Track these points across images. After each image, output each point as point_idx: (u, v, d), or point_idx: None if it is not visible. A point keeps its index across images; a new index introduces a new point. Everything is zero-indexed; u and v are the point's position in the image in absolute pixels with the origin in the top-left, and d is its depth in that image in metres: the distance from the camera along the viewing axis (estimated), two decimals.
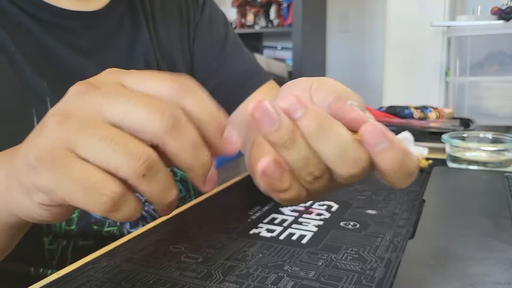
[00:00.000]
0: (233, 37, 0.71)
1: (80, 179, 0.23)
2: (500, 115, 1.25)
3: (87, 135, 0.23)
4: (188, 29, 0.67)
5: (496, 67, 1.29)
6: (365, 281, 0.36)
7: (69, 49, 0.53)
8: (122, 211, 0.24)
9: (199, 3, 0.69)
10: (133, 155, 0.23)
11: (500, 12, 1.30)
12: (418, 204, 0.54)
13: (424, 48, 1.63)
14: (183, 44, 0.66)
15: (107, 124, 0.24)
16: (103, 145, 0.23)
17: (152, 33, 0.61)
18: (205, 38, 0.68)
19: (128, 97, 0.24)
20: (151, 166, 0.23)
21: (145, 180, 0.23)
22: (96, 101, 0.24)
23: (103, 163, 0.23)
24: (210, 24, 0.69)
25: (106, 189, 0.23)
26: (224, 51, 0.68)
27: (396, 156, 0.25)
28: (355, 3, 2.65)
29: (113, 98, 0.24)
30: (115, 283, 0.36)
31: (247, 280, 0.36)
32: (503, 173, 0.60)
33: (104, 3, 0.57)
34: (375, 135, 0.25)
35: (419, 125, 0.89)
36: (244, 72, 0.68)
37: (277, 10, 2.84)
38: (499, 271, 0.34)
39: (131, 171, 0.23)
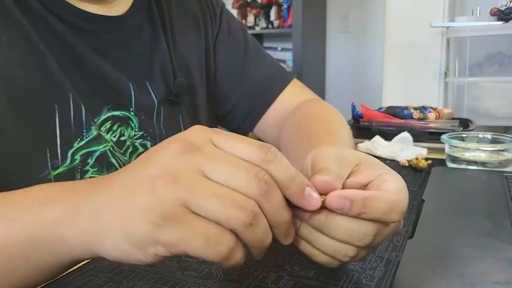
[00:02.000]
0: (252, 42, 0.73)
1: (201, 233, 0.27)
2: (499, 116, 1.25)
3: (200, 193, 0.27)
4: (206, 40, 0.68)
5: (495, 67, 1.29)
6: (365, 280, 0.36)
7: (90, 50, 0.54)
8: (234, 258, 0.28)
9: (217, 13, 0.70)
10: (241, 207, 0.27)
11: (499, 13, 1.30)
12: (418, 204, 0.54)
13: (424, 49, 1.64)
14: (200, 54, 0.67)
15: (211, 181, 0.27)
16: (215, 201, 0.26)
17: (169, 41, 0.62)
18: (226, 48, 0.70)
19: (227, 161, 0.28)
20: (255, 216, 0.27)
21: (251, 229, 0.27)
22: (200, 162, 0.28)
23: (216, 217, 0.27)
24: (230, 34, 0.71)
25: (224, 240, 0.27)
26: (247, 59, 0.70)
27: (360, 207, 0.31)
28: (355, 4, 2.65)
29: (216, 161, 0.28)
30: (117, 282, 0.36)
31: (248, 279, 0.36)
32: (502, 173, 0.60)
33: (126, 9, 0.59)
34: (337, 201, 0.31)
35: (419, 125, 0.89)
36: (268, 77, 0.70)
37: (277, 11, 2.85)
38: (498, 271, 0.34)
39: (241, 221, 0.27)
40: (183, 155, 0.28)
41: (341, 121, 0.61)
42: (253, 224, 0.27)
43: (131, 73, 0.57)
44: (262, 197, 0.27)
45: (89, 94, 0.53)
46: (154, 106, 0.59)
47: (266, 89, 0.69)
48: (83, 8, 0.54)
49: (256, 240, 0.28)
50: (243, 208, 0.27)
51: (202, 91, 0.67)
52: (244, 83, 0.69)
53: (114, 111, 0.55)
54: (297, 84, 0.72)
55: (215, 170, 0.27)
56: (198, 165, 0.27)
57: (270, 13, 2.86)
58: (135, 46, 0.59)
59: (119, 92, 0.55)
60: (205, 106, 0.67)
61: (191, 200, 0.27)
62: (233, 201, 0.27)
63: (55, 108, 0.50)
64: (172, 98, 0.61)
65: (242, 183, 0.27)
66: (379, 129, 0.90)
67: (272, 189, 0.28)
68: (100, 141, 0.53)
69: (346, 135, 0.54)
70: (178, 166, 0.27)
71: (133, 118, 0.57)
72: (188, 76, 0.64)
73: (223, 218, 0.27)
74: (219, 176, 0.27)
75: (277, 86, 0.69)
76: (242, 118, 0.70)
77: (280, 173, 0.29)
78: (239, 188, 0.27)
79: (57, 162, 0.50)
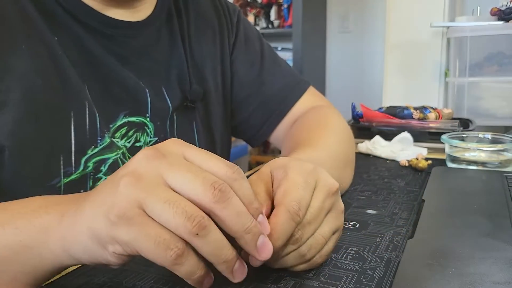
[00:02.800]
0: (269, 51, 0.73)
1: (152, 236, 0.28)
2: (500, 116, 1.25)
3: (155, 198, 0.28)
4: (221, 49, 0.68)
5: (495, 67, 1.29)
6: (365, 280, 0.36)
7: (110, 56, 0.54)
8: (184, 266, 0.29)
9: (233, 22, 0.71)
10: (189, 217, 0.28)
11: (499, 12, 1.30)
12: (418, 204, 0.54)
13: (424, 49, 1.64)
14: (214, 63, 0.67)
15: (169, 188, 0.29)
16: (167, 208, 0.28)
17: (186, 48, 0.63)
18: (243, 57, 0.70)
19: (188, 170, 0.29)
20: (203, 227, 0.28)
21: (198, 238, 0.28)
22: (162, 168, 0.29)
23: (166, 223, 0.28)
24: (247, 43, 0.71)
25: (173, 245, 0.28)
26: (264, 68, 0.70)
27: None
28: (355, 3, 2.65)
29: (178, 169, 0.29)
30: (116, 282, 0.36)
31: (248, 279, 0.36)
32: (502, 173, 0.60)
33: (147, 14, 0.59)
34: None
35: (419, 125, 0.89)
36: (284, 86, 0.70)
37: (277, 11, 2.85)
38: (498, 271, 0.34)
39: (188, 230, 0.28)
40: (150, 160, 0.30)
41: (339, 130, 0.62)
42: (200, 234, 0.28)
43: (149, 78, 0.58)
44: (216, 204, 0.29)
45: (106, 100, 0.53)
46: (168, 112, 0.59)
47: (282, 99, 0.70)
48: (107, 14, 0.54)
49: (207, 251, 0.29)
50: (191, 218, 0.28)
51: (216, 99, 0.67)
52: (261, 93, 0.70)
53: (130, 117, 0.55)
54: (312, 92, 0.73)
55: (175, 177, 0.29)
56: (161, 171, 0.29)
57: (270, 13, 2.86)
58: (153, 52, 0.59)
59: (136, 98, 0.56)
60: (218, 114, 0.68)
61: (147, 203, 0.28)
62: (183, 210, 0.28)
63: (71, 115, 0.50)
64: (189, 103, 0.61)
65: (198, 190, 0.28)
66: (379, 129, 0.90)
67: (228, 197, 0.29)
68: (112, 148, 0.54)
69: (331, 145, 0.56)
70: (143, 169, 0.29)
71: (149, 124, 0.57)
72: (203, 83, 0.64)
73: (172, 225, 0.28)
74: (178, 183, 0.29)
75: (293, 95, 0.70)
76: (258, 126, 0.71)
77: (240, 192, 0.30)
78: (195, 196, 0.29)
79: (70, 170, 0.50)
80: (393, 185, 0.62)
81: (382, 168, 0.71)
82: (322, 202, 0.36)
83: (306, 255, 0.35)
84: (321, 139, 0.56)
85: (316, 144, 0.54)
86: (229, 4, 0.72)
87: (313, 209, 0.35)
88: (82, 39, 0.52)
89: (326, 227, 0.36)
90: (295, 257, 0.35)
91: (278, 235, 0.32)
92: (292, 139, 0.61)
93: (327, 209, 0.36)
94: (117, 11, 0.55)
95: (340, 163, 0.55)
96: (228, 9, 0.71)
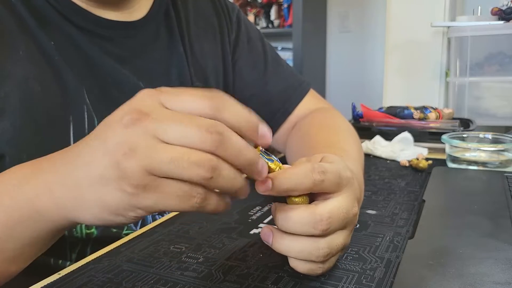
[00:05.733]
0: (271, 51, 0.74)
1: (173, 193, 0.29)
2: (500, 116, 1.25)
3: (159, 161, 0.28)
4: (222, 46, 0.68)
5: (496, 67, 1.29)
6: (365, 281, 0.36)
7: (108, 57, 0.54)
8: (209, 206, 0.30)
9: (233, 20, 0.71)
10: (198, 165, 0.28)
11: (500, 12, 1.30)
12: (418, 204, 0.54)
13: (424, 49, 1.63)
14: (216, 61, 0.67)
15: (166, 145, 0.28)
16: (173, 167, 0.28)
17: (186, 46, 0.63)
18: (246, 58, 0.70)
19: (178, 121, 0.28)
20: (214, 169, 0.28)
21: (214, 180, 0.28)
22: (152, 129, 0.28)
23: (180, 176, 0.28)
24: (249, 43, 0.71)
25: (194, 192, 0.29)
26: (267, 70, 0.71)
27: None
28: (355, 3, 2.65)
29: (167, 124, 0.28)
30: (116, 282, 0.36)
31: (248, 280, 0.36)
32: (502, 173, 0.60)
33: (143, 14, 0.59)
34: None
35: (419, 125, 0.89)
36: (288, 87, 0.71)
37: (277, 11, 2.84)
38: (498, 271, 0.34)
39: (201, 177, 0.28)
40: (135, 124, 0.29)
41: (350, 132, 0.61)
42: (214, 176, 0.28)
43: (149, 78, 0.57)
44: (218, 148, 0.28)
45: (104, 103, 0.53)
46: None
47: (285, 100, 0.70)
48: (102, 15, 0.54)
49: (225, 186, 0.29)
50: (200, 165, 0.28)
51: None
52: (263, 93, 0.70)
53: None
54: (312, 94, 0.73)
55: (167, 132, 0.28)
56: (151, 132, 0.28)
57: (270, 13, 2.85)
58: (152, 51, 0.59)
59: None
60: None
61: (154, 168, 0.28)
62: (189, 161, 0.28)
63: (70, 120, 0.50)
64: None
65: (196, 140, 0.28)
66: (380, 129, 0.90)
67: (226, 138, 0.29)
68: None
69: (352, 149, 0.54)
70: (132, 137, 0.28)
71: None
72: (205, 81, 0.64)
73: (186, 178, 0.28)
74: (172, 137, 0.28)
75: (295, 97, 0.71)
76: None
77: (232, 118, 0.30)
78: (194, 145, 0.28)
79: None
80: (394, 185, 0.62)
81: (382, 168, 0.71)
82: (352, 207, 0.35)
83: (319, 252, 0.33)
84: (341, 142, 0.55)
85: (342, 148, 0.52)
86: (228, 3, 0.72)
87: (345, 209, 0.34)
88: (78, 42, 0.52)
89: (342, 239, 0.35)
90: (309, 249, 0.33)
91: (288, 177, 0.32)
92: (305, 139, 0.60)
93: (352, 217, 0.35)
94: (112, 13, 0.55)
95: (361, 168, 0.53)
96: (227, 8, 0.71)
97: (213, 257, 0.41)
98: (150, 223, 0.50)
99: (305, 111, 0.70)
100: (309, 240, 0.33)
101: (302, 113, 0.70)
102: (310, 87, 0.73)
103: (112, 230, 0.54)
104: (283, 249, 0.34)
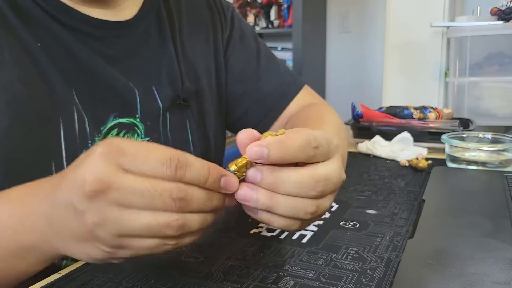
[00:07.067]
0: (265, 49, 0.73)
1: (146, 248, 0.31)
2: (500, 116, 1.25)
3: (128, 229, 0.29)
4: (215, 45, 0.67)
5: (495, 67, 1.29)
6: (365, 280, 0.36)
7: (98, 57, 0.53)
8: (183, 243, 0.32)
9: (227, 19, 0.70)
10: (166, 227, 0.29)
11: (499, 12, 1.30)
12: (418, 204, 0.54)
13: (424, 49, 1.63)
14: (208, 60, 0.67)
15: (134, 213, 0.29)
16: (144, 231, 0.29)
17: (178, 46, 0.62)
18: (239, 55, 0.70)
19: (140, 191, 0.29)
20: (182, 226, 0.30)
21: (184, 230, 0.30)
22: (116, 201, 0.29)
23: (151, 237, 0.30)
24: (242, 40, 0.71)
25: (167, 242, 0.31)
26: (259, 66, 0.70)
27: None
28: (355, 3, 2.65)
29: (129, 194, 0.29)
30: (116, 282, 0.36)
31: (248, 279, 0.36)
32: (502, 173, 0.60)
33: (134, 12, 0.58)
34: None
35: (419, 125, 0.89)
36: (280, 85, 0.70)
37: (277, 11, 2.84)
38: (498, 271, 0.34)
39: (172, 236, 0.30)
40: (98, 197, 0.29)
41: (337, 125, 0.61)
42: (183, 230, 0.30)
43: (138, 78, 0.57)
44: (184, 209, 0.30)
45: (94, 103, 0.53)
46: (159, 112, 0.58)
47: (279, 97, 0.70)
48: (90, 15, 0.53)
49: (197, 228, 0.31)
50: (169, 227, 0.30)
51: (211, 97, 0.66)
52: (257, 90, 0.69)
53: (120, 119, 0.55)
54: (307, 91, 0.72)
55: (132, 202, 0.29)
56: (116, 203, 0.29)
57: (270, 13, 2.85)
58: (143, 51, 0.58)
59: (125, 99, 0.55)
60: (213, 112, 0.67)
61: (125, 233, 0.30)
62: (159, 225, 0.29)
63: (59, 121, 0.49)
64: (182, 102, 0.60)
65: (161, 207, 0.29)
66: (379, 129, 0.90)
67: (189, 199, 0.30)
68: None
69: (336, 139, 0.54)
70: (99, 211, 0.29)
71: (139, 125, 0.56)
72: (196, 81, 0.64)
73: (158, 238, 0.30)
74: (138, 205, 0.29)
75: (289, 93, 0.70)
76: (256, 123, 0.70)
77: (193, 177, 0.30)
78: (160, 211, 0.30)
79: None
80: (393, 185, 0.62)
81: (382, 168, 0.71)
82: (342, 173, 0.35)
83: (307, 210, 0.33)
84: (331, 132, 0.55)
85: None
86: (223, 1, 0.72)
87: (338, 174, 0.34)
88: (67, 42, 0.51)
89: (329, 202, 0.35)
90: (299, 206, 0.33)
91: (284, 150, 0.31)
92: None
93: (342, 182, 0.35)
94: (101, 11, 0.54)
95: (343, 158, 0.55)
96: (222, 6, 0.70)
97: (213, 256, 0.41)
98: None
99: (299, 108, 0.69)
100: (300, 199, 0.33)
101: (295, 110, 0.69)
102: (305, 84, 0.73)
103: None
104: (269, 205, 0.32)
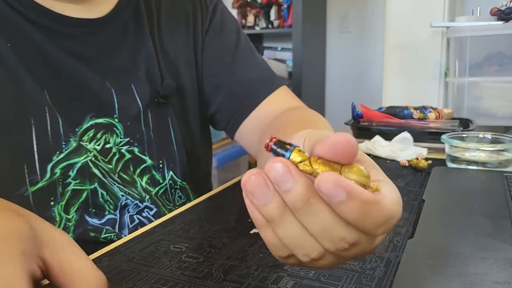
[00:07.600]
0: (245, 43, 0.69)
1: None
2: (500, 116, 1.25)
3: None
4: (194, 37, 0.65)
5: (495, 67, 1.29)
6: (365, 280, 0.36)
7: (71, 57, 0.52)
8: None
9: (209, 10, 0.67)
10: None
11: (499, 13, 1.30)
12: (418, 204, 0.54)
13: (424, 49, 1.63)
14: (189, 53, 0.64)
15: None
16: None
17: (156, 42, 0.60)
18: (215, 46, 0.66)
19: None
20: None
21: None
22: None
23: None
24: (222, 32, 0.67)
25: None
26: (235, 58, 0.66)
27: (354, 207, 0.23)
28: (355, 3, 2.65)
29: None
30: (116, 282, 0.36)
31: (248, 279, 0.36)
32: (502, 173, 0.60)
33: (108, 9, 0.56)
34: (330, 187, 0.23)
35: (419, 125, 0.89)
36: (255, 80, 0.66)
37: (277, 11, 2.84)
38: (498, 271, 0.34)
39: None
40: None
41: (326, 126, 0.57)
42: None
43: (115, 77, 0.55)
44: None
45: (69, 104, 0.52)
46: (139, 111, 0.57)
47: (250, 93, 0.65)
48: (64, 13, 0.52)
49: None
50: None
51: (193, 92, 0.64)
52: (229, 84, 0.65)
53: (97, 119, 0.54)
54: (285, 92, 0.68)
55: None
56: None
57: (270, 13, 2.86)
58: (119, 48, 0.57)
59: (101, 99, 0.54)
60: (196, 107, 0.65)
61: None
62: None
63: (31, 122, 0.49)
64: (161, 100, 0.58)
65: None
66: (379, 129, 0.90)
67: None
68: (80, 152, 0.52)
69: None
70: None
71: (118, 125, 0.55)
72: (177, 76, 0.62)
73: None
74: None
75: (262, 91, 0.65)
76: (226, 121, 0.67)
77: None
78: None
79: (36, 178, 0.49)
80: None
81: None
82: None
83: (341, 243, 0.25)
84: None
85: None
86: None
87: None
88: (38, 42, 0.50)
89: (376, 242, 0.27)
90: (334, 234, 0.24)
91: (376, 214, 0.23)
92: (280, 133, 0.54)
93: None
94: (74, 9, 0.53)
95: None
96: None
97: (213, 256, 0.41)
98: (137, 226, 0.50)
99: (274, 109, 0.63)
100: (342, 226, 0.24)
101: (271, 111, 0.63)
102: (284, 84, 0.68)
103: (90, 234, 0.54)
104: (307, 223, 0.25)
